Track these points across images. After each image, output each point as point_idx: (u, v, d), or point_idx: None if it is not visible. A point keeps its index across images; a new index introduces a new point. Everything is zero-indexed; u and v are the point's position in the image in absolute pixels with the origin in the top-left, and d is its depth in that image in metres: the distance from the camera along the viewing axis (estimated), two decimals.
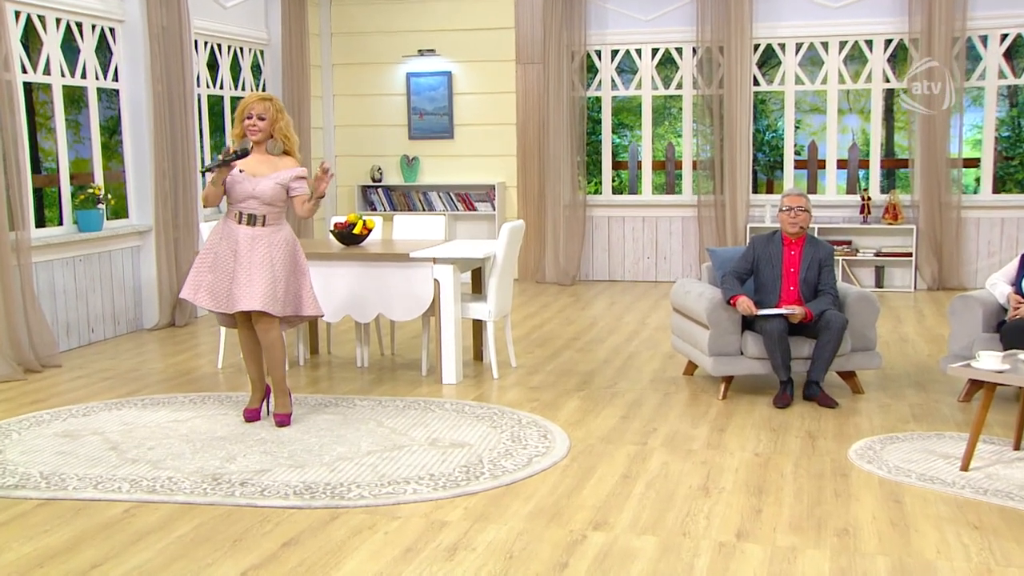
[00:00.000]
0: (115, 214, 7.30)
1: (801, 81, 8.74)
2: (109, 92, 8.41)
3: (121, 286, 6.88)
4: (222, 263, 4.42)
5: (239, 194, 4.42)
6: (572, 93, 8.90)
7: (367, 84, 9.55)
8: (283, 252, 4.43)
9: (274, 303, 4.36)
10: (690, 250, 9.04)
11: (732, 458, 4.00)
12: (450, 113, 9.34)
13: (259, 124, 4.44)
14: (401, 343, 6.42)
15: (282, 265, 4.41)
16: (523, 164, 9.15)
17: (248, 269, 4.35)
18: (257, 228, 4.41)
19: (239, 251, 4.39)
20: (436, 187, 9.38)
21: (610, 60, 9.07)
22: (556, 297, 8.34)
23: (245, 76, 8.56)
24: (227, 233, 4.44)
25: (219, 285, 4.42)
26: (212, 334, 6.87)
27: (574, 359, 5.93)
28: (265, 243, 4.39)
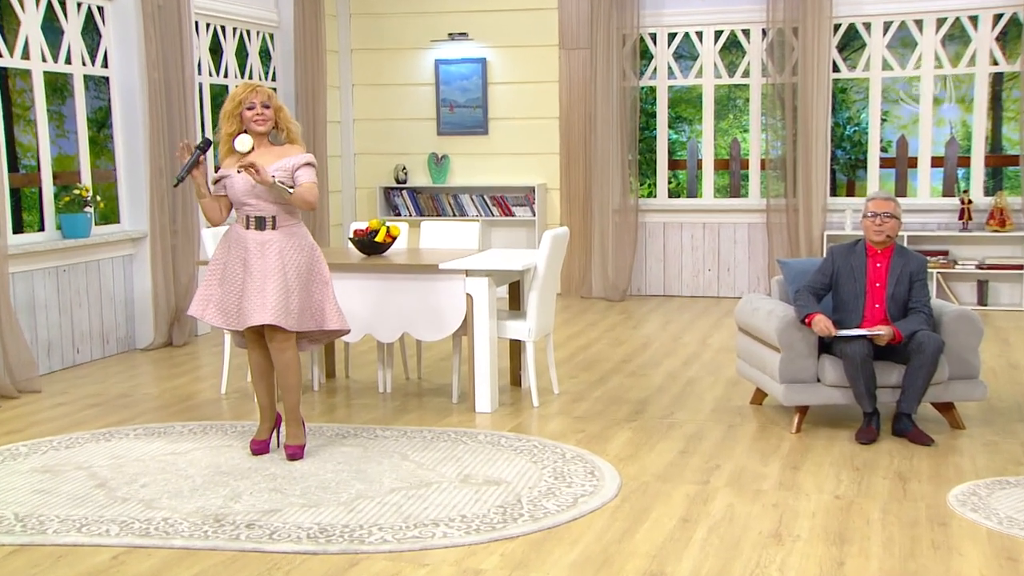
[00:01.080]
0: (104, 218, 7.41)
1: (889, 66, 8.69)
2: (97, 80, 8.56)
3: (111, 300, 7.00)
4: (231, 275, 4.46)
5: (240, 195, 4.45)
6: (623, 83, 8.92)
7: (390, 72, 9.65)
8: (298, 258, 4.45)
9: (287, 316, 4.38)
10: (758, 262, 8.99)
11: (808, 501, 3.97)
12: (484, 106, 9.40)
13: (266, 113, 4.47)
14: (429, 366, 6.46)
15: (296, 273, 4.43)
16: (567, 163, 9.18)
17: (259, 279, 4.38)
18: (267, 232, 4.44)
19: (249, 260, 4.42)
20: (468, 189, 9.44)
21: (667, 44, 9.08)
22: (604, 314, 8.35)
23: (252, 63, 8.69)
24: (235, 241, 4.48)
25: (229, 299, 4.47)
26: (214, 355, 6.95)
27: (625, 385, 5.92)
28: (276, 248, 4.42)
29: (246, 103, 4.45)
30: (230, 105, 4.46)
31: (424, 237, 6.26)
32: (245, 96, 4.45)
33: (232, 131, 4.47)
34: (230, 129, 4.47)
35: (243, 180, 4.43)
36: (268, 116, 4.48)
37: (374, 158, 9.81)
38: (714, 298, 9.06)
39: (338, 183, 9.70)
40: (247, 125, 4.49)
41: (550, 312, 5.59)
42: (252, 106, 4.46)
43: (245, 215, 4.46)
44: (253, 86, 4.47)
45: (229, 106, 4.46)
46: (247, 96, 4.45)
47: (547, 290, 5.47)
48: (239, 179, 4.45)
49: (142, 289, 7.15)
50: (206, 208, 4.47)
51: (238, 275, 4.44)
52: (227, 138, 4.48)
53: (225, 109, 4.48)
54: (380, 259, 5.52)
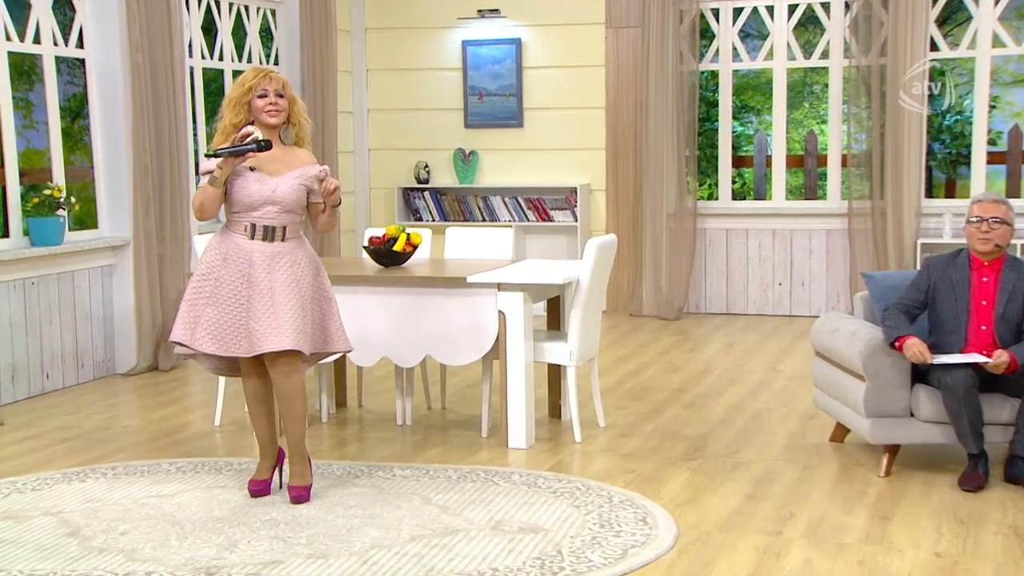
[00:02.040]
0: (80, 223, 7.49)
1: (1001, 43, 8.58)
2: (72, 62, 8.66)
3: (87, 317, 7.06)
4: (228, 292, 4.46)
5: (252, 200, 4.45)
6: (680, 67, 8.91)
7: (411, 55, 9.70)
8: (308, 272, 4.48)
9: (306, 339, 4.40)
10: (838, 274, 8.93)
11: (902, 558, 3.92)
12: (519, 94, 9.42)
13: (280, 103, 4.49)
14: (455, 394, 6.46)
15: (309, 291, 4.46)
16: (614, 160, 9.18)
17: (268, 298, 4.38)
18: (277, 244, 4.46)
19: (255, 276, 4.42)
20: (500, 190, 9.45)
21: (731, 21, 9.06)
22: (657, 335, 8.33)
23: (251, 44, 8.77)
24: (233, 253, 4.47)
25: (226, 321, 4.45)
26: (207, 381, 6.99)
27: (681, 418, 5.90)
28: (287, 262, 4.44)
29: (257, 90, 4.47)
30: (238, 91, 4.48)
31: (449, 246, 6.28)
32: (257, 82, 4.47)
33: (238, 121, 4.48)
34: (236, 119, 4.49)
35: (257, 182, 4.45)
36: (282, 107, 4.50)
37: (391, 154, 9.85)
38: (785, 317, 9.01)
39: (350, 183, 9.75)
40: (256, 116, 4.50)
41: (595, 333, 5.58)
42: (264, 94, 4.48)
43: (251, 223, 4.46)
44: (266, 71, 4.50)
45: (236, 92, 4.48)
46: (259, 82, 4.47)
47: (591, 307, 5.46)
48: (252, 179, 4.46)
49: (123, 305, 7.21)
50: (210, 201, 4.41)
51: (239, 292, 4.44)
52: (231, 129, 4.49)
53: (231, 95, 4.50)
54: (399, 271, 5.53)
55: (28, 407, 6.39)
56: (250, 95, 4.47)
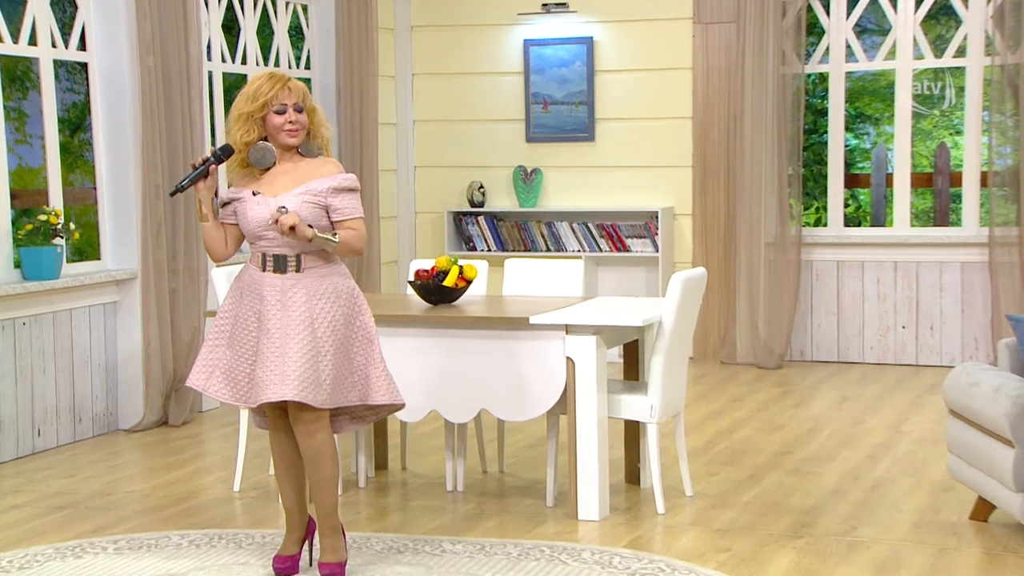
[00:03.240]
0: (80, 253, 7.57)
1: None
2: (72, 67, 8.75)
3: (86, 364, 7.14)
4: (243, 333, 4.50)
5: (254, 226, 4.47)
6: (782, 69, 8.89)
7: (464, 57, 9.77)
8: (331, 310, 4.47)
9: (315, 388, 4.37)
10: (975, 316, 8.82)
11: None
12: (590, 102, 9.45)
13: (300, 120, 4.50)
14: (515, 455, 6.46)
15: (330, 329, 4.45)
16: (702, 180, 9.16)
17: (277, 339, 4.40)
18: (290, 276, 4.46)
19: (265, 313, 4.44)
20: (568, 215, 9.46)
21: (845, 14, 9.03)
22: (754, 387, 8.28)
23: (279, 45, 8.88)
24: (248, 287, 4.51)
25: (239, 366, 4.50)
26: (225, 438, 7.04)
27: (785, 486, 5.84)
28: (302, 297, 4.44)
29: (274, 104, 4.47)
30: (249, 105, 4.47)
31: (509, 280, 6.28)
32: (273, 95, 4.46)
33: (250, 140, 4.49)
34: (248, 137, 4.49)
35: (258, 206, 4.47)
36: (303, 123, 4.51)
37: (441, 173, 9.90)
38: (911, 367, 8.90)
39: (392, 207, 9.80)
40: (272, 135, 4.50)
41: (680, 384, 5.55)
42: (283, 109, 4.49)
43: (261, 252, 4.49)
44: (283, 79, 4.50)
45: (247, 106, 4.47)
46: (276, 95, 4.47)
47: (676, 354, 5.44)
48: (253, 204, 4.48)
49: (129, 349, 7.29)
50: (208, 237, 4.53)
51: (251, 333, 4.48)
52: (241, 147, 4.51)
53: (241, 109, 4.49)
54: (450, 310, 5.54)
55: (16, 469, 6.45)
56: (265, 110, 4.47)
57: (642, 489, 5.77)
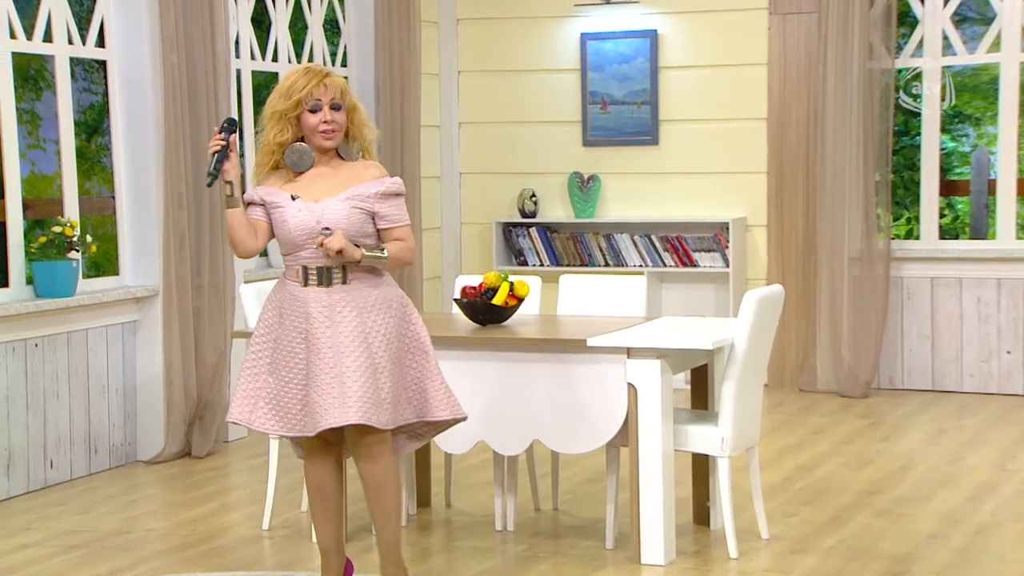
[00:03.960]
0: (97, 268, 7.61)
1: None
2: (89, 65, 8.80)
3: (102, 389, 7.18)
4: (287, 357, 4.50)
5: (295, 235, 4.48)
6: (869, 63, 8.85)
7: (515, 53, 9.78)
8: (384, 321, 4.49)
9: (378, 409, 4.38)
10: None
11: None
12: (654, 101, 9.43)
13: (337, 120, 4.51)
14: (571, 492, 6.44)
15: (384, 342, 4.46)
16: (778, 188, 9.12)
17: (331, 358, 4.40)
18: (337, 289, 4.47)
19: (314, 332, 4.44)
20: (629, 226, 9.45)
21: (942, 2, 8.96)
22: (837, 418, 8.23)
23: (313, 40, 8.92)
24: (290, 306, 4.51)
25: (287, 393, 4.49)
26: (253, 470, 7.07)
27: (874, 530, 5.79)
28: (353, 311, 4.45)
29: (308, 102, 4.48)
30: (283, 103, 4.49)
31: (564, 298, 6.28)
32: (309, 91, 4.47)
33: (284, 140, 4.51)
34: (282, 137, 4.52)
35: (300, 212, 4.48)
36: (340, 123, 4.53)
37: (489, 180, 9.90)
38: (1016, 396, 8.81)
39: (436, 217, 9.82)
40: (308, 135, 4.53)
41: (754, 414, 5.53)
42: (318, 107, 4.49)
43: (302, 265, 4.50)
44: (319, 74, 4.51)
45: (281, 104, 4.49)
46: (311, 91, 4.48)
47: (749, 380, 5.42)
48: (293, 210, 4.49)
49: (149, 372, 7.33)
50: (236, 225, 4.50)
51: (299, 356, 4.48)
52: (275, 148, 4.53)
53: (275, 107, 4.51)
54: (499, 331, 5.55)
55: (27, 504, 6.49)
56: (299, 109, 4.49)
57: (712, 531, 5.74)
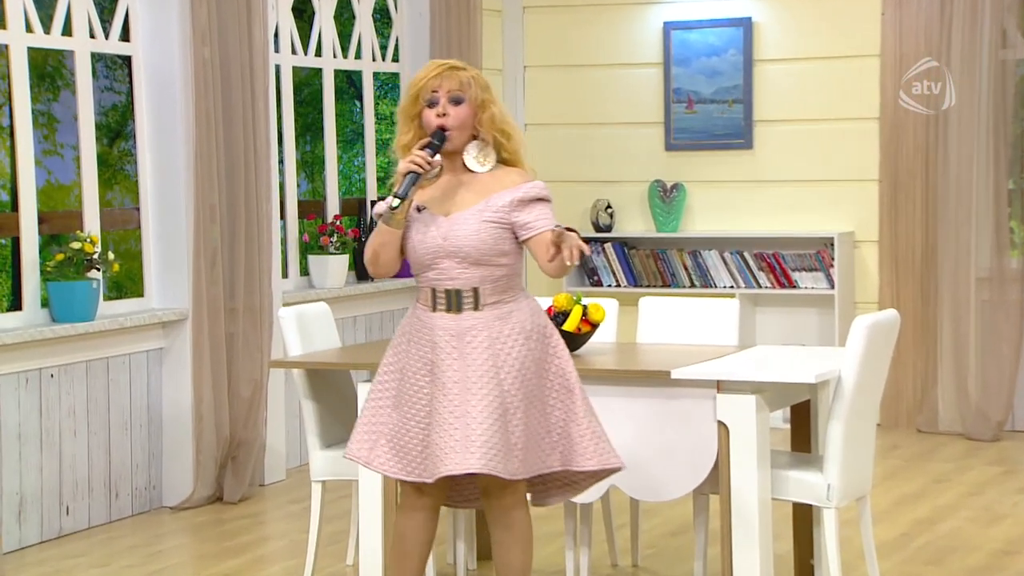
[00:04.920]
0: (119, 289, 7.67)
1: None
2: (112, 62, 8.85)
3: (125, 426, 7.20)
4: (411, 390, 4.51)
5: (420, 253, 4.49)
6: (1002, 53, 8.79)
7: (589, 46, 9.77)
8: (520, 354, 4.47)
9: (506, 456, 4.35)
10: None
11: None
12: (747, 99, 9.40)
13: (453, 112, 4.48)
14: (653, 545, 6.41)
15: (519, 379, 4.44)
16: (892, 197, 9.05)
17: (457, 395, 4.40)
18: (468, 314, 4.47)
19: (440, 364, 4.45)
20: (718, 242, 9.42)
21: None
22: (963, 464, 8.16)
23: (361, 32, 8.96)
24: (417, 332, 4.53)
25: (408, 431, 4.49)
26: (292, 518, 7.08)
27: None
28: (484, 341, 4.45)
29: (425, 95, 4.50)
30: (404, 99, 4.59)
31: (644, 323, 6.26)
32: (425, 84, 4.49)
33: (407, 142, 4.55)
34: (404, 139, 4.57)
35: (426, 227, 4.49)
36: (460, 118, 4.50)
37: (559, 189, 9.86)
38: None
39: None
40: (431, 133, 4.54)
41: (865, 458, 5.47)
42: (435, 100, 4.50)
43: (430, 287, 4.52)
44: (441, 66, 4.53)
45: (403, 100, 4.59)
46: (428, 82, 4.49)
47: (859, 420, 5.36)
48: (419, 224, 4.50)
49: (177, 406, 7.34)
50: (385, 246, 4.51)
51: (423, 390, 4.49)
52: (401, 153, 4.58)
53: (400, 104, 4.64)
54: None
55: (40, 556, 6.52)
56: (419, 105, 4.52)
57: None
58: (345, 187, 12.74)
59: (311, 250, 8.34)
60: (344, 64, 8.85)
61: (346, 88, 12.41)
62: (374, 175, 9.19)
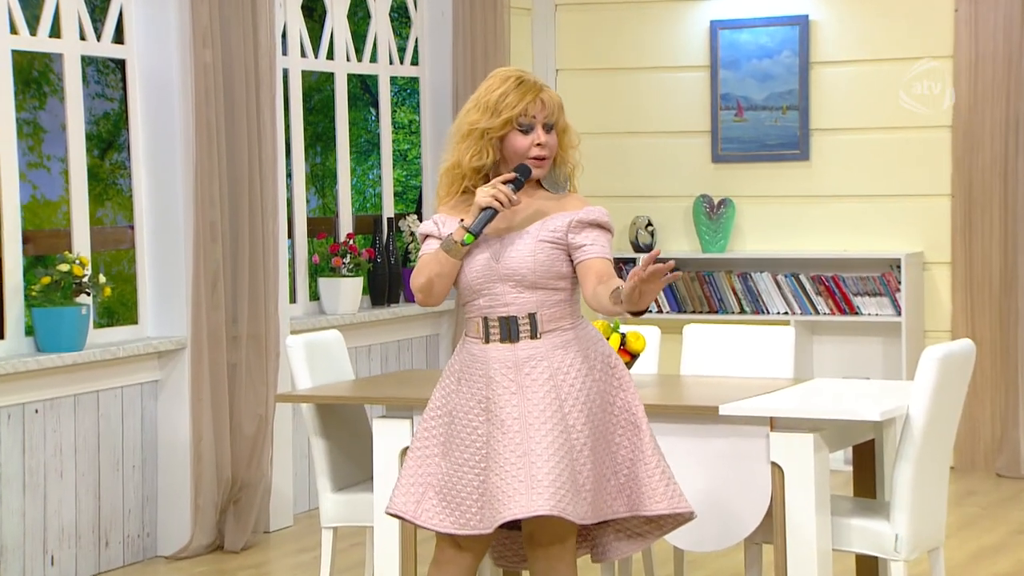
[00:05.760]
0: (111, 315, 7.68)
1: None
2: (104, 66, 8.89)
3: (116, 466, 7.19)
4: (463, 432, 4.51)
5: (472, 278, 4.52)
6: None
7: (627, 47, 9.79)
8: (584, 386, 4.48)
9: (575, 498, 4.35)
10: None
11: None
12: (803, 106, 9.39)
13: (549, 144, 4.51)
14: None
15: (584, 414, 4.45)
16: (965, 214, 9.04)
17: (518, 433, 4.40)
18: (526, 344, 4.48)
19: (496, 401, 4.45)
20: (771, 263, 9.41)
21: None
22: None
23: (377, 32, 8.97)
24: (468, 369, 4.54)
25: (460, 479, 4.48)
26: (300, 568, 7.09)
27: None
28: (545, 372, 4.45)
29: (522, 120, 4.48)
30: (487, 119, 4.48)
31: (689, 354, 6.27)
32: (524, 108, 4.47)
33: (483, 164, 4.52)
34: (479, 161, 4.52)
35: (477, 249, 4.50)
36: (552, 148, 4.54)
37: (595, 204, 9.88)
38: None
39: None
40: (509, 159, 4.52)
41: (937, 505, 5.46)
42: (530, 127, 4.50)
43: (481, 316, 4.53)
44: (534, 87, 4.49)
45: (485, 120, 4.49)
46: (527, 107, 4.47)
47: (931, 462, 5.34)
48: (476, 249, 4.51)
49: (173, 444, 7.34)
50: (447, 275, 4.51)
51: (476, 431, 4.49)
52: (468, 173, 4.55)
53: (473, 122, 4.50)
54: None
55: None
56: (507, 128, 4.50)
57: None
58: (359, 203, 12.78)
59: (321, 272, 8.34)
60: (358, 68, 8.86)
61: (360, 94, 12.46)
62: (391, 190, 9.19)
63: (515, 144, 4.50)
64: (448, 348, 8.95)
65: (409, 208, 12.10)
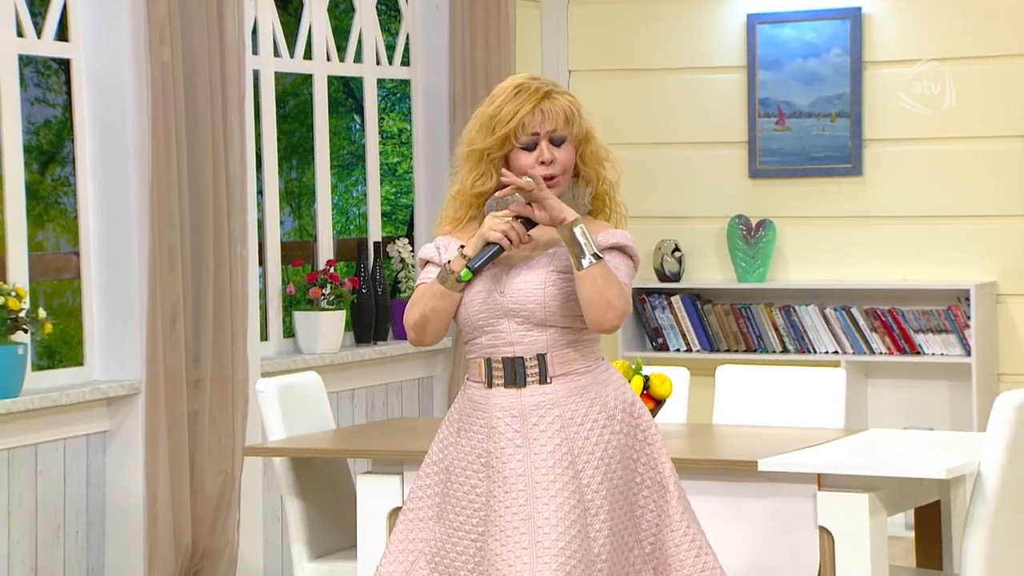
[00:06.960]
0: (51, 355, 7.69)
1: None
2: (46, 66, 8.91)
3: (57, 530, 7.18)
4: (460, 491, 4.53)
5: (473, 313, 4.53)
6: None
7: (650, 45, 9.83)
8: (602, 440, 4.48)
9: (586, 568, 4.35)
10: None
11: None
12: (855, 113, 9.42)
13: (560, 160, 4.52)
14: None
15: (601, 472, 4.45)
16: None
17: (522, 492, 4.41)
18: (531, 391, 4.49)
19: (498, 454, 4.47)
20: (818, 295, 9.43)
21: None
22: None
23: (362, 28, 9.00)
24: (468, 418, 4.56)
25: (455, 545, 4.50)
26: None
27: None
28: (556, 422, 4.46)
29: (520, 137, 4.49)
30: (482, 139, 4.51)
31: (723, 399, 6.32)
32: (520, 122, 4.47)
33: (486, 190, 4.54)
34: (483, 187, 4.54)
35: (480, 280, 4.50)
36: (564, 163, 4.53)
37: None
38: None
39: None
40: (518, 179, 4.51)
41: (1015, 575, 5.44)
42: (532, 144, 4.50)
43: (484, 357, 4.55)
44: (533, 94, 4.50)
45: (481, 140, 4.52)
46: (524, 120, 4.47)
47: (1008, 527, 5.35)
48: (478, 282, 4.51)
49: (124, 506, 7.34)
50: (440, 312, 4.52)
51: (475, 489, 4.50)
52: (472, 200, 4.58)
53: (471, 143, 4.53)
54: None
55: None
56: (507, 146, 4.51)
57: None
58: (340, 224, 12.78)
59: (297, 305, 8.33)
60: (340, 69, 8.88)
61: (342, 99, 12.48)
62: (378, 209, 9.18)
63: (519, 164, 4.50)
64: (444, 393, 8.95)
65: (399, 231, 12.08)
